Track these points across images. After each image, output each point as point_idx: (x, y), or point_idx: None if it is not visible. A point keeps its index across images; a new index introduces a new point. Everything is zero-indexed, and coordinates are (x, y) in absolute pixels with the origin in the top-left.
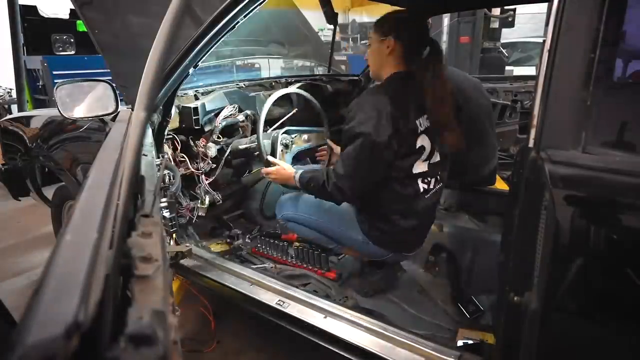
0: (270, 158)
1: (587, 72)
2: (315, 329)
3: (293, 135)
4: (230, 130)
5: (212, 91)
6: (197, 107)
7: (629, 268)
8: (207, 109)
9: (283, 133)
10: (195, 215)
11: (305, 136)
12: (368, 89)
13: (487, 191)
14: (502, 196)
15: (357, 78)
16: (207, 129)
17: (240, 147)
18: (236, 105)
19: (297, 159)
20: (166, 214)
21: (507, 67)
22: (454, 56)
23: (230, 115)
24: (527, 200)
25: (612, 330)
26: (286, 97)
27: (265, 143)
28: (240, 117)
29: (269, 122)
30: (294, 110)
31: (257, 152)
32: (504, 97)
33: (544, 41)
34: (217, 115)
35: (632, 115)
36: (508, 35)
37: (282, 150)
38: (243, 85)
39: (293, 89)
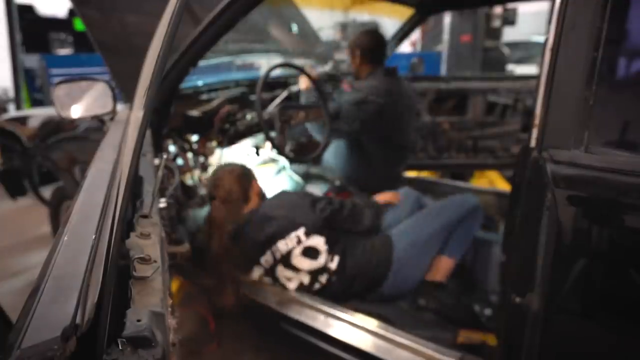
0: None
1: (589, 71)
2: (315, 331)
3: (290, 111)
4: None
5: (215, 98)
6: (201, 117)
7: (632, 269)
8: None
9: (281, 109)
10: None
11: (302, 112)
12: None
13: (488, 191)
14: (504, 196)
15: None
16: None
17: (241, 128)
18: (236, 105)
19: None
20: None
21: (508, 67)
22: (455, 55)
23: (230, 115)
24: (529, 200)
25: (614, 332)
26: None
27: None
28: (240, 116)
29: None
30: (288, 89)
31: (257, 128)
32: (505, 97)
33: (546, 40)
34: (216, 115)
35: (635, 114)
36: (510, 34)
37: (281, 125)
38: (245, 90)
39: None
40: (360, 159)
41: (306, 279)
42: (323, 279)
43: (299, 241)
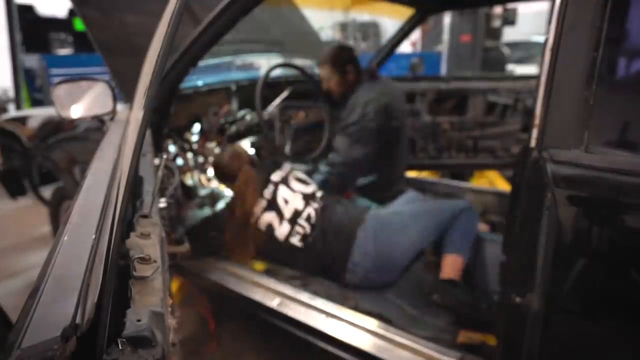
0: None
1: (589, 71)
2: (315, 331)
3: (290, 111)
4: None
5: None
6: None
7: (632, 269)
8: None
9: (281, 109)
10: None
11: (302, 112)
12: None
13: (488, 191)
14: (504, 196)
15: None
16: (206, 128)
17: (241, 128)
18: (235, 106)
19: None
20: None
21: (508, 67)
22: (455, 55)
23: (230, 114)
24: (528, 200)
25: (614, 332)
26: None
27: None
28: (240, 115)
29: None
30: (289, 89)
31: (257, 128)
32: (505, 97)
33: (546, 40)
34: (216, 114)
35: (635, 114)
36: (510, 35)
37: (281, 126)
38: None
39: (291, 62)
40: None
41: (300, 204)
42: (312, 208)
43: (292, 168)
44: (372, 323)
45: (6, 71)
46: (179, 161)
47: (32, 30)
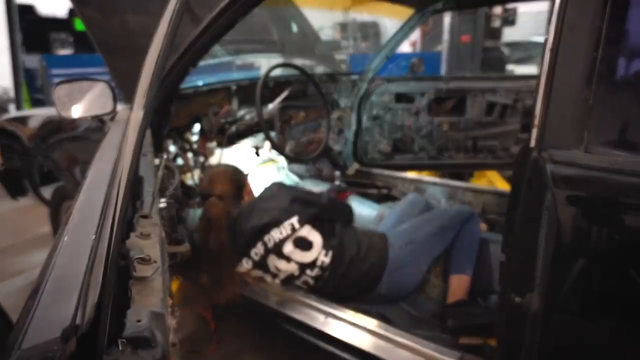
0: None
1: (589, 71)
2: (315, 330)
3: (290, 111)
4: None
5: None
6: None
7: (631, 269)
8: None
9: (281, 109)
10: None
11: (302, 112)
12: None
13: (488, 191)
14: (504, 196)
15: (358, 77)
16: (206, 127)
17: (241, 128)
18: (235, 106)
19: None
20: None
21: (509, 67)
22: (455, 55)
23: (230, 114)
24: (528, 200)
25: (614, 332)
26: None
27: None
28: (239, 115)
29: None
30: (289, 89)
31: (257, 128)
32: (505, 97)
33: (546, 40)
34: (216, 114)
35: (635, 114)
36: (510, 35)
37: (281, 126)
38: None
39: (290, 62)
40: None
41: (296, 272)
42: (313, 272)
43: (293, 229)
44: (372, 323)
45: (6, 71)
46: (179, 161)
47: (32, 30)
